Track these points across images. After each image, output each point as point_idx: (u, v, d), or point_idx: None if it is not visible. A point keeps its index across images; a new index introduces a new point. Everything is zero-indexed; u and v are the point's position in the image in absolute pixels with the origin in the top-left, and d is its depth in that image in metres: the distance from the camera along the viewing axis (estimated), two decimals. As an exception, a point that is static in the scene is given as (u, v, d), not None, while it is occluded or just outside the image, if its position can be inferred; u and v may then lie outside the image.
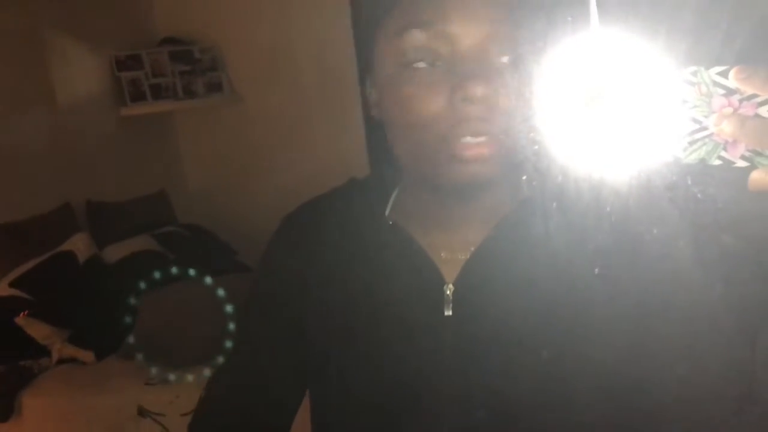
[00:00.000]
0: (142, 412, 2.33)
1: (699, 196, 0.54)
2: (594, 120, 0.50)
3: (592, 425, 0.70)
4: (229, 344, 0.87)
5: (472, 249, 0.76)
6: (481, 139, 0.68)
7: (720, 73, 0.47)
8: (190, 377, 2.30)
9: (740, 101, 0.47)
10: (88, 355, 2.60)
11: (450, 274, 0.76)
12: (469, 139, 0.68)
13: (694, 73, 0.48)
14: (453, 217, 0.77)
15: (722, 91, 0.47)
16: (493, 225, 0.75)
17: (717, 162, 0.49)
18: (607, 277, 0.68)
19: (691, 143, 0.49)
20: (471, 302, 0.75)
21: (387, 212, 0.81)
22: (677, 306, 0.66)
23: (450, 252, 0.77)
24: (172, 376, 2.37)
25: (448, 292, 0.76)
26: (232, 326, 2.17)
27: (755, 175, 0.47)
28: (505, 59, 0.67)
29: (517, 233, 0.73)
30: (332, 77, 3.56)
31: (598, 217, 0.61)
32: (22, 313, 2.61)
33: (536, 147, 0.60)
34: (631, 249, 0.66)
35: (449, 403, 0.74)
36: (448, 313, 0.75)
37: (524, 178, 0.72)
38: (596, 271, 0.67)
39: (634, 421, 0.68)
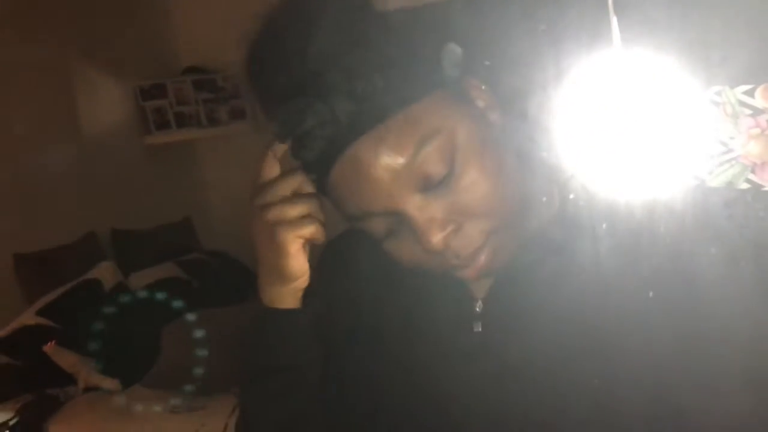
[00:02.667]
0: (168, 441, 2.33)
1: (761, 213, 0.51)
2: (616, 142, 0.49)
3: None
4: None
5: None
6: (473, 257, 0.68)
7: (746, 92, 0.45)
8: (216, 405, 2.29)
9: None
10: (114, 384, 2.60)
11: (480, 290, 0.75)
12: (461, 266, 0.68)
13: (719, 93, 0.46)
14: None
15: (749, 111, 0.45)
16: (523, 240, 0.74)
17: (745, 185, 0.47)
18: (661, 300, 0.65)
19: (717, 166, 0.47)
20: (501, 318, 0.74)
21: None
22: (738, 332, 0.63)
23: None
24: (197, 404, 2.37)
25: (477, 309, 0.75)
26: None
27: None
28: (442, 170, 0.65)
29: (549, 251, 0.71)
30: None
31: (651, 236, 0.59)
32: (50, 342, 2.62)
33: (568, 170, 0.58)
34: (688, 271, 0.64)
35: (480, 420, 0.73)
36: (478, 329, 0.74)
37: (552, 197, 0.72)
38: (651, 294, 0.65)
39: None
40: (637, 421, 0.66)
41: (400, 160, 0.64)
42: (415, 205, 0.65)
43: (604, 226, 0.61)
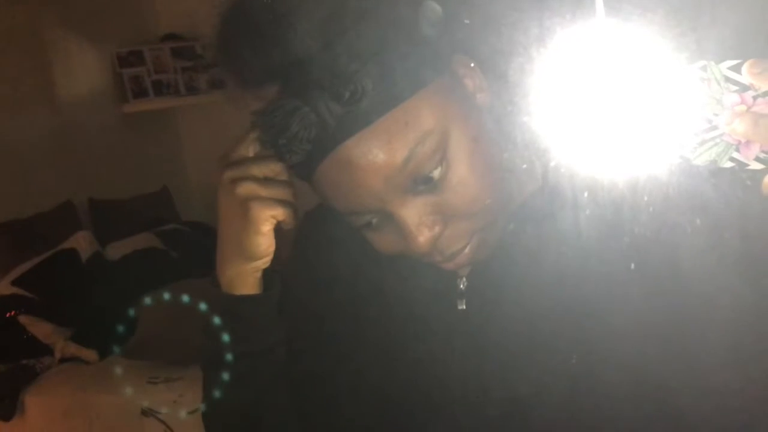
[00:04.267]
0: (145, 411, 2.32)
1: (748, 182, 0.50)
2: (597, 117, 0.48)
3: (610, 428, 0.67)
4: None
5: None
6: (458, 253, 0.67)
7: (732, 68, 0.44)
8: (194, 376, 2.29)
9: (754, 98, 0.44)
10: (90, 354, 2.58)
11: (463, 268, 0.74)
12: (444, 261, 0.68)
13: (704, 68, 0.45)
14: None
15: (734, 87, 0.44)
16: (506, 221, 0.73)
17: (729, 164, 0.46)
18: (644, 272, 0.64)
19: (700, 144, 0.46)
20: (485, 296, 0.73)
21: None
22: (723, 305, 0.62)
23: None
24: (175, 375, 2.36)
25: (461, 286, 0.74)
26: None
27: None
28: (433, 170, 0.63)
29: (533, 226, 0.71)
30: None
31: (635, 207, 0.58)
32: (24, 312, 2.60)
33: (550, 144, 0.57)
34: (672, 242, 0.63)
35: (462, 398, 0.73)
36: (462, 307, 0.74)
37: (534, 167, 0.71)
38: (632, 266, 0.64)
39: (665, 427, 0.65)
40: (619, 394, 0.66)
41: (391, 163, 0.61)
42: (404, 207, 0.64)
43: (585, 195, 0.60)
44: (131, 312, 2.64)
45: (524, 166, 0.71)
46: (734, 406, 0.62)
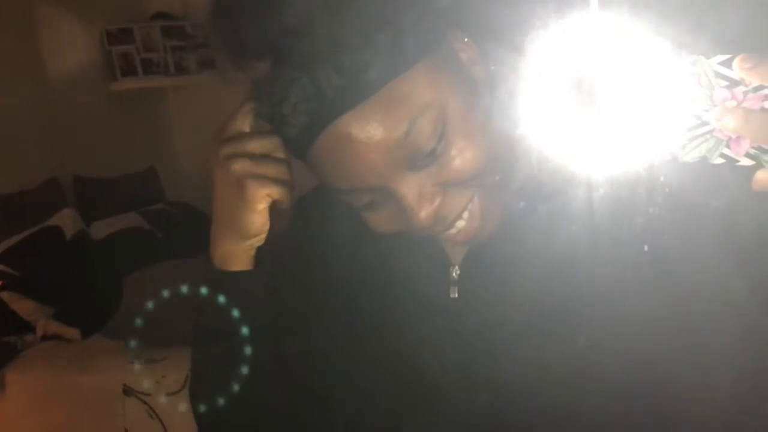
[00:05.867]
0: (127, 391, 2.31)
1: (738, 178, 0.49)
2: (587, 113, 0.47)
3: (614, 420, 0.66)
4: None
5: None
6: (462, 227, 0.67)
7: (723, 63, 0.44)
8: (177, 357, 2.28)
9: (745, 93, 0.44)
10: (73, 333, 2.57)
11: (456, 256, 0.74)
12: (446, 230, 0.68)
13: (694, 63, 0.45)
14: None
15: (725, 83, 0.44)
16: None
17: (719, 160, 0.45)
18: (657, 255, 0.64)
19: (690, 140, 0.46)
20: (478, 285, 0.73)
21: None
22: (737, 291, 0.61)
23: None
24: (159, 356, 2.35)
25: (454, 275, 0.74)
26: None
27: (761, 175, 0.44)
28: (433, 143, 0.62)
29: (531, 213, 0.71)
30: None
31: (650, 189, 0.57)
32: (6, 289, 2.58)
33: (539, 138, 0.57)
34: (687, 224, 0.62)
35: (453, 387, 0.73)
36: (454, 295, 0.74)
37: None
38: (646, 248, 0.64)
39: (670, 414, 0.65)
40: (622, 381, 0.65)
41: (391, 137, 0.61)
42: (405, 183, 0.64)
43: (576, 185, 0.59)
44: (114, 291, 2.63)
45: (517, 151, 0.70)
46: (741, 394, 0.62)
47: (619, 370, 0.65)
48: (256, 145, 0.69)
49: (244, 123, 0.70)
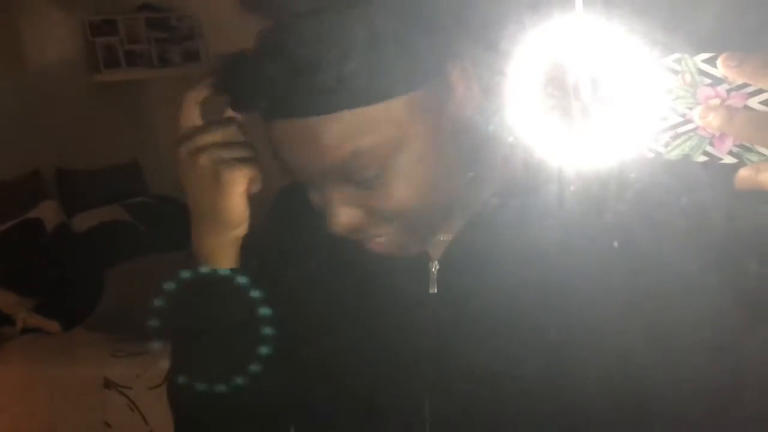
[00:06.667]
0: (108, 385, 2.30)
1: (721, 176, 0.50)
2: (571, 111, 0.47)
3: (587, 413, 0.67)
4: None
5: (458, 228, 0.73)
6: (379, 242, 0.68)
7: (706, 61, 0.44)
8: (158, 351, 2.27)
9: (728, 91, 0.44)
10: (54, 326, 2.55)
11: (436, 251, 0.74)
12: (365, 240, 0.68)
13: (678, 61, 0.45)
14: None
15: (708, 81, 0.44)
16: (479, 205, 0.73)
17: (702, 158, 0.45)
18: (627, 251, 0.64)
19: (673, 138, 0.46)
20: (457, 280, 0.73)
21: None
22: (705, 286, 0.62)
23: None
24: (139, 349, 2.34)
25: (433, 270, 0.74)
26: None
27: (743, 173, 0.44)
28: (368, 175, 0.62)
29: (510, 210, 0.70)
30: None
31: (620, 185, 0.57)
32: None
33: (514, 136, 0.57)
34: (656, 220, 0.63)
35: (431, 382, 0.73)
36: (433, 290, 0.73)
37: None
38: (615, 244, 0.64)
39: (643, 406, 0.65)
40: (597, 373, 0.66)
41: (331, 156, 0.61)
42: (336, 190, 0.64)
43: (559, 183, 0.60)
44: (96, 284, 2.61)
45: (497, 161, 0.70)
46: (714, 386, 0.63)
47: (594, 363, 0.66)
48: (216, 134, 0.69)
49: (193, 115, 0.70)
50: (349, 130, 0.60)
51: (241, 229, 0.72)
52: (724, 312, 0.62)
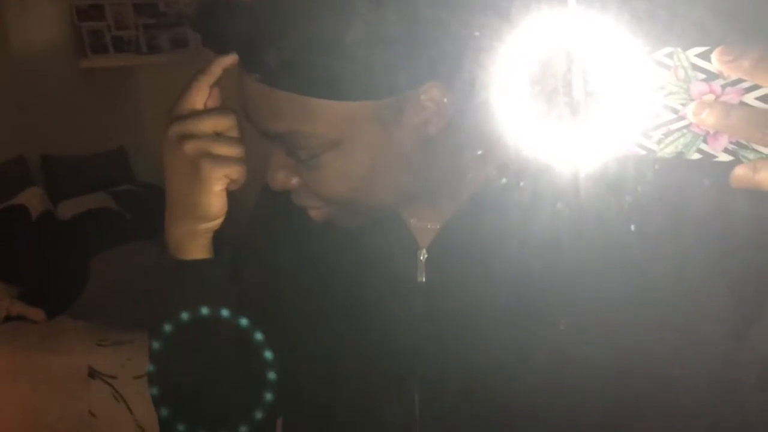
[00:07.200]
0: (92, 374, 2.29)
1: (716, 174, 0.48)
2: (556, 108, 0.46)
3: (587, 410, 0.65)
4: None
5: (446, 217, 0.72)
6: (312, 211, 0.69)
7: (700, 55, 0.43)
8: (143, 340, 2.26)
9: (723, 87, 0.43)
10: (38, 313, 2.54)
11: (425, 239, 0.73)
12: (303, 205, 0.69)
13: (670, 55, 0.43)
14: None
15: (702, 76, 0.43)
16: (468, 194, 0.71)
17: (696, 156, 0.44)
18: (645, 235, 0.61)
19: (666, 135, 0.45)
20: (446, 269, 0.71)
21: None
22: (726, 274, 0.60)
23: (419, 220, 0.74)
24: (124, 338, 2.33)
25: (421, 258, 0.72)
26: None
27: (739, 171, 0.42)
28: (304, 156, 0.63)
29: (497, 200, 0.69)
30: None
31: (640, 167, 0.55)
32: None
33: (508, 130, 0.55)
34: (677, 203, 0.60)
35: (421, 372, 0.72)
36: (422, 279, 0.72)
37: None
38: (632, 227, 0.62)
39: (656, 399, 0.64)
40: (600, 367, 0.64)
41: (277, 127, 0.61)
42: (278, 151, 0.65)
43: (547, 175, 0.58)
44: (81, 272, 2.59)
45: (479, 152, 0.69)
46: (728, 377, 0.62)
47: (602, 354, 0.64)
48: (209, 124, 0.67)
49: (197, 99, 0.68)
50: (293, 111, 0.60)
51: (216, 223, 0.70)
52: (741, 299, 0.61)
